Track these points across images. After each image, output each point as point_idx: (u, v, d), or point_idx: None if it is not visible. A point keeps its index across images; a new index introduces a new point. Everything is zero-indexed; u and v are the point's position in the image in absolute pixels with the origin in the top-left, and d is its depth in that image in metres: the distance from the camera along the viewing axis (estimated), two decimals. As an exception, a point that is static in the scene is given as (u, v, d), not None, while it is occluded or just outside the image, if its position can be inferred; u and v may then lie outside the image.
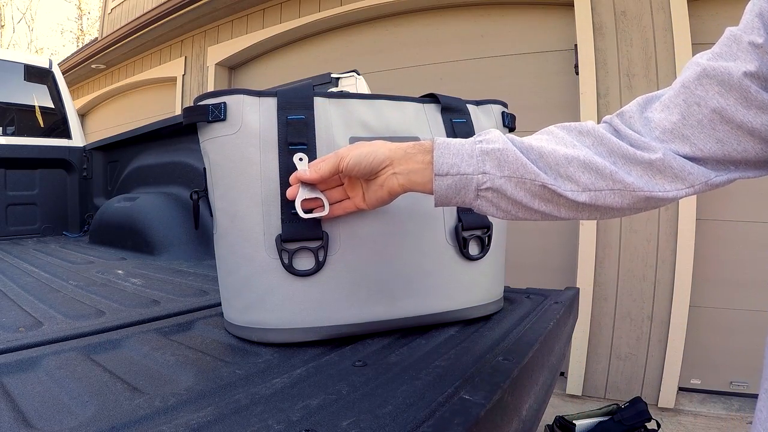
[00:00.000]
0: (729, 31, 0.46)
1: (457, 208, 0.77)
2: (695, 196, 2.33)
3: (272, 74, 3.76)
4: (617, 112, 0.53)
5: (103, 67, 5.29)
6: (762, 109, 0.44)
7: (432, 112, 0.80)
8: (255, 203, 0.68)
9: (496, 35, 2.76)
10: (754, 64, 0.43)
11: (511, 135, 0.53)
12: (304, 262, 0.68)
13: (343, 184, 0.64)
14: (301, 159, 0.66)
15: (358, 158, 0.57)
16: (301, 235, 0.67)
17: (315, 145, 0.70)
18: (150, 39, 4.43)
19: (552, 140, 0.52)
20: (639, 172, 0.48)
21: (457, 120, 0.80)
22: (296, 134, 0.69)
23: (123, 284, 1.15)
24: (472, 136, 0.80)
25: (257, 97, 0.70)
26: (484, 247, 0.79)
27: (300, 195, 0.62)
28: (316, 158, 0.69)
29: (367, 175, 0.58)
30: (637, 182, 0.48)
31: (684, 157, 0.47)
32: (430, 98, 0.82)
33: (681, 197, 0.49)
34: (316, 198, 0.63)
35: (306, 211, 0.63)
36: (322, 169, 0.60)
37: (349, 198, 0.64)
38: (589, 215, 0.51)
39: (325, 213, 0.63)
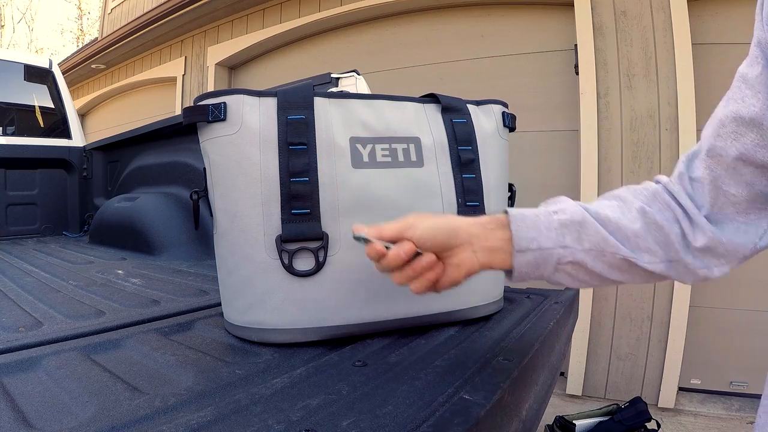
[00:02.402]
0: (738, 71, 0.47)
1: (457, 207, 0.77)
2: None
3: (272, 74, 3.76)
4: (676, 172, 0.53)
5: (103, 67, 5.29)
6: None
7: (432, 112, 0.80)
8: (255, 203, 0.68)
9: (496, 35, 2.76)
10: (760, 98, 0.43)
11: (583, 204, 0.52)
12: (304, 262, 0.68)
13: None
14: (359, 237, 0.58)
15: (434, 230, 0.52)
16: (301, 236, 0.67)
17: (315, 145, 0.70)
18: (150, 39, 4.43)
19: (624, 208, 0.52)
20: (696, 254, 0.50)
21: (457, 120, 0.80)
22: (296, 134, 0.69)
23: (123, 284, 1.15)
24: (472, 136, 0.81)
25: (257, 97, 0.70)
26: (484, 247, 0.79)
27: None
28: (315, 158, 0.69)
29: (440, 251, 0.52)
30: (695, 263, 0.50)
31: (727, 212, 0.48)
32: (430, 98, 0.82)
33: (734, 267, 0.51)
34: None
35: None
36: (384, 232, 0.54)
37: None
38: (659, 280, 0.53)
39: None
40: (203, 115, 0.69)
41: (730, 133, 0.45)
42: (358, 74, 1.44)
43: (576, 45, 2.42)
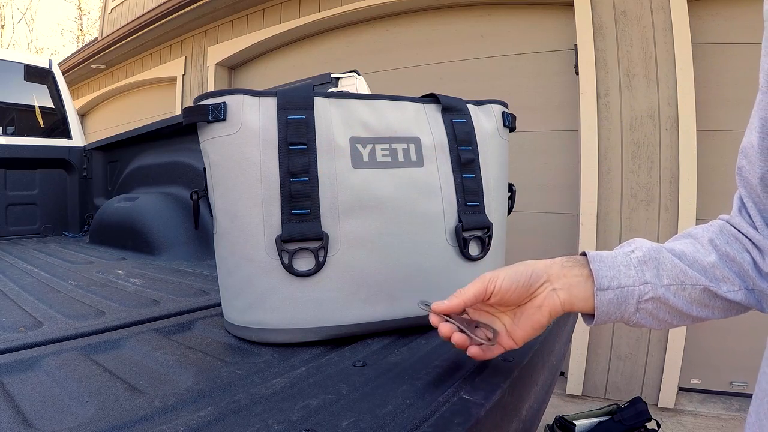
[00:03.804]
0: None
1: (457, 207, 0.77)
2: (695, 194, 2.32)
3: (272, 74, 3.76)
4: (734, 207, 0.54)
5: (103, 67, 5.29)
6: None
7: (432, 112, 0.80)
8: (255, 203, 0.68)
9: (496, 35, 2.76)
10: None
11: (657, 244, 0.52)
12: (304, 262, 0.68)
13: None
14: (426, 304, 0.55)
15: (514, 276, 0.51)
16: (301, 236, 0.67)
17: (315, 146, 0.70)
18: (150, 39, 4.43)
19: (696, 243, 0.52)
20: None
21: (457, 120, 0.80)
22: (296, 134, 0.69)
23: (123, 284, 1.15)
24: (472, 136, 0.81)
25: (257, 97, 0.70)
26: (485, 248, 0.79)
27: (449, 328, 0.52)
28: (315, 158, 0.69)
29: (523, 297, 0.51)
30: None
31: None
32: (430, 98, 0.82)
33: None
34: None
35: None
36: (466, 294, 0.52)
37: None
38: (737, 313, 0.52)
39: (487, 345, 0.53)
40: (203, 115, 0.69)
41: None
42: (358, 74, 1.44)
43: (576, 45, 2.42)
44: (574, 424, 1.97)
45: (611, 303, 0.50)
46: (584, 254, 0.52)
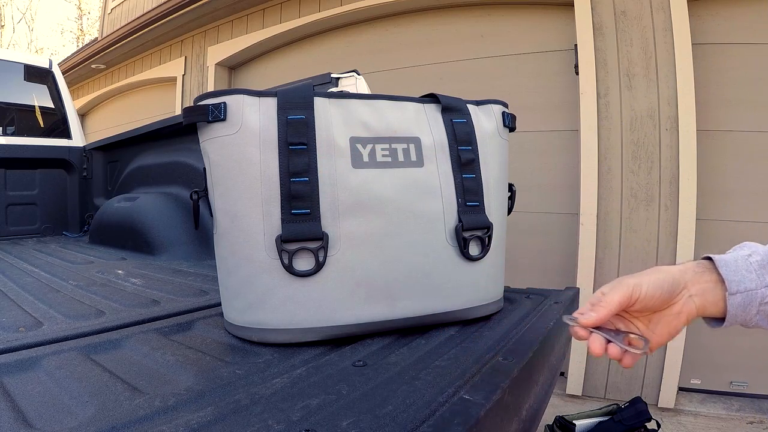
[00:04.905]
0: None
1: (457, 207, 0.77)
2: (695, 194, 2.31)
3: (272, 74, 3.76)
4: None
5: (103, 67, 5.29)
6: None
7: (432, 112, 0.80)
8: (255, 203, 0.68)
9: (496, 35, 2.76)
10: None
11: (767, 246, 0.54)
12: (304, 262, 0.68)
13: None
14: (571, 319, 0.53)
15: (658, 283, 0.51)
16: (301, 236, 0.67)
17: (315, 145, 0.70)
18: (150, 39, 4.42)
19: None
20: None
21: (457, 120, 0.80)
22: (296, 134, 0.69)
23: (123, 284, 1.15)
24: (472, 136, 0.81)
25: (257, 97, 0.70)
26: (485, 248, 0.79)
27: (600, 341, 0.51)
28: (315, 158, 0.69)
29: (665, 303, 0.52)
30: None
31: None
32: (431, 98, 0.82)
33: None
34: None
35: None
36: (611, 303, 0.51)
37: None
38: None
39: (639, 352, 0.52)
40: (203, 115, 0.69)
41: None
42: (358, 74, 1.44)
43: (576, 45, 2.42)
44: (574, 424, 1.97)
45: (739, 306, 0.52)
46: (708, 258, 0.54)
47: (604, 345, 0.52)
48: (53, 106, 2.58)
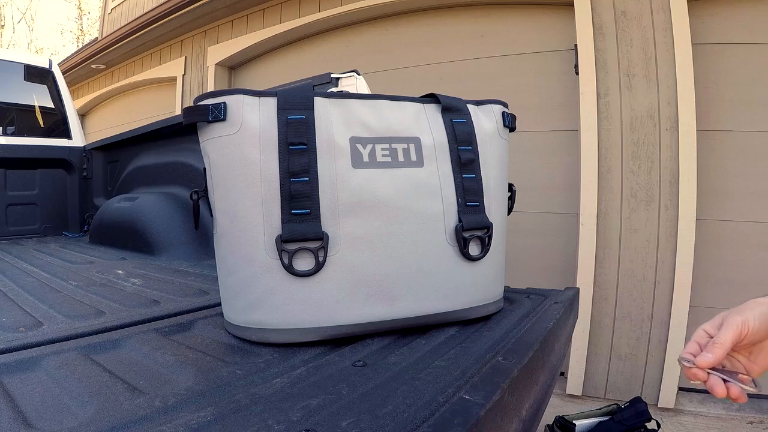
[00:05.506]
0: None
1: (457, 207, 0.77)
2: (695, 194, 2.31)
3: (272, 74, 3.76)
4: None
5: (103, 67, 5.29)
6: None
7: (432, 112, 0.80)
8: (255, 203, 0.68)
9: (495, 35, 2.76)
10: None
11: None
12: (304, 262, 0.68)
13: None
14: (687, 361, 0.55)
15: (762, 318, 0.53)
16: (301, 236, 0.67)
17: (315, 145, 0.70)
18: (150, 39, 4.42)
19: None
20: None
21: (457, 120, 0.80)
22: (296, 134, 0.69)
23: (123, 284, 1.15)
24: (472, 136, 0.81)
25: (257, 97, 0.70)
26: (485, 247, 0.79)
27: (720, 383, 0.52)
28: (315, 158, 0.69)
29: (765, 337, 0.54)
30: None
31: None
32: (431, 98, 0.82)
33: None
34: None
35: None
36: (726, 343, 0.52)
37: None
38: None
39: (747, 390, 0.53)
40: (203, 115, 0.69)
41: None
42: (358, 74, 1.44)
43: (576, 45, 2.42)
44: (574, 424, 1.97)
45: None
46: None
47: (723, 386, 0.53)
48: (53, 106, 2.58)
